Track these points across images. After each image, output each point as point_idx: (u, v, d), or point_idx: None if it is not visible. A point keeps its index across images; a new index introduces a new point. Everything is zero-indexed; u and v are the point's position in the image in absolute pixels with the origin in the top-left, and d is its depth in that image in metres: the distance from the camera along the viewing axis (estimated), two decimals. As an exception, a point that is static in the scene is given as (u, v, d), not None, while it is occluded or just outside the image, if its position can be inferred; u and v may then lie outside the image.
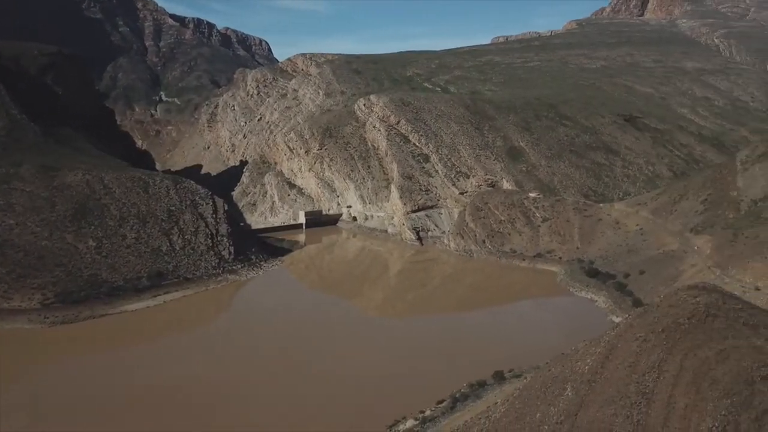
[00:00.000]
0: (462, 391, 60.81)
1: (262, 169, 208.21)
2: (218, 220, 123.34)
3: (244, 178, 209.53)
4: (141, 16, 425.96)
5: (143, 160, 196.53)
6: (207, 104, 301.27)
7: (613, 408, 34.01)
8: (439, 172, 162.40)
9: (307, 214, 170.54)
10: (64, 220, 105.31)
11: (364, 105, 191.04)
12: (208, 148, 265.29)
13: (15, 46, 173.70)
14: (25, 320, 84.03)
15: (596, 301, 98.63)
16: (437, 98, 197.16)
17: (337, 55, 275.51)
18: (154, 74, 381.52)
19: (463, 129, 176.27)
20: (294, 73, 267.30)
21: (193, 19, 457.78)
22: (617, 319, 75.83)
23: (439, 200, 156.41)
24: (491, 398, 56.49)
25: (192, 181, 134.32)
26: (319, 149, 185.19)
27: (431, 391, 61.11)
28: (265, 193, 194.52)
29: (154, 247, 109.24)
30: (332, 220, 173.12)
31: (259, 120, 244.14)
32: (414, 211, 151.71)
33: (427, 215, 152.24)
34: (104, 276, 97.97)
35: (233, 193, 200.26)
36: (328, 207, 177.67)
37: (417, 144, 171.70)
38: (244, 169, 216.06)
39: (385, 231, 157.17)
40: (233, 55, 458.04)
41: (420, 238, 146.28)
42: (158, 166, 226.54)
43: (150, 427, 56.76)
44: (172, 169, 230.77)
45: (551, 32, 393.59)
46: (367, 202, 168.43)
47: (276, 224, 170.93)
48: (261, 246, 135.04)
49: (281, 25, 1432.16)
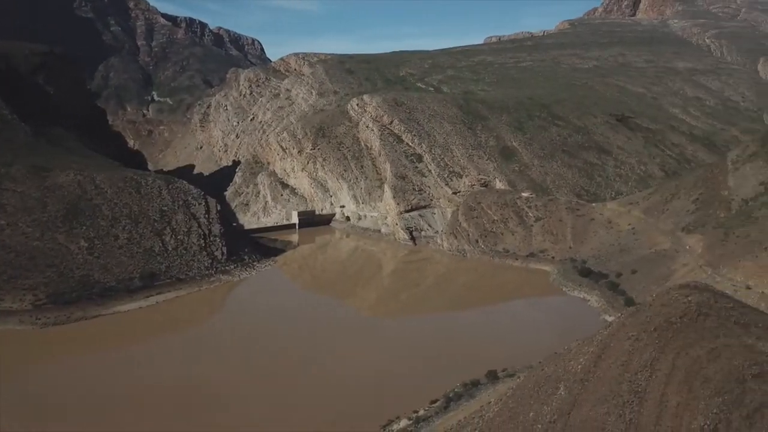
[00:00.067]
0: (455, 390, 60.90)
1: (255, 169, 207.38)
2: (211, 220, 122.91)
3: (237, 178, 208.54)
4: (133, 15, 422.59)
5: (135, 160, 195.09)
6: (199, 104, 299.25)
7: (605, 407, 34.20)
8: (432, 171, 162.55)
9: (300, 214, 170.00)
10: (55, 220, 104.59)
11: (357, 105, 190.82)
12: (201, 148, 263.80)
13: (6, 46, 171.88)
14: (17, 321, 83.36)
15: (589, 300, 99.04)
16: (430, 98, 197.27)
17: (330, 54, 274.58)
18: (146, 74, 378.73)
19: (456, 129, 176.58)
20: (287, 73, 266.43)
21: (185, 18, 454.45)
22: (610, 319, 76.11)
23: (432, 200, 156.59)
24: (485, 398, 56.53)
25: (184, 181, 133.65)
26: (312, 149, 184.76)
27: (425, 390, 61.18)
28: (258, 193, 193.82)
29: (146, 247, 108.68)
30: (325, 220, 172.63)
31: (251, 120, 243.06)
32: (407, 211, 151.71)
33: (420, 215, 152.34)
34: (96, 277, 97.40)
35: (226, 193, 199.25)
36: (321, 207, 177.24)
37: (410, 144, 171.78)
38: (237, 169, 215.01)
39: (379, 231, 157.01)
40: (226, 54, 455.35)
41: (413, 238, 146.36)
42: (150, 166, 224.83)
43: (144, 428, 56.59)
44: (164, 169, 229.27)
45: (543, 32, 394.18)
46: (360, 202, 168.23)
47: (269, 224, 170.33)
48: (254, 246, 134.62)
49: (274, 24, 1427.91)
